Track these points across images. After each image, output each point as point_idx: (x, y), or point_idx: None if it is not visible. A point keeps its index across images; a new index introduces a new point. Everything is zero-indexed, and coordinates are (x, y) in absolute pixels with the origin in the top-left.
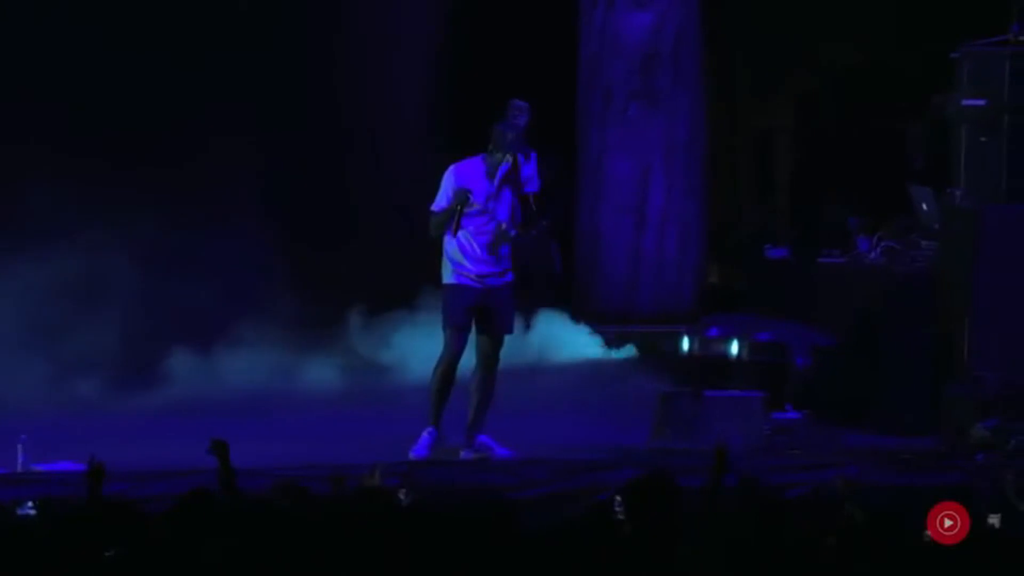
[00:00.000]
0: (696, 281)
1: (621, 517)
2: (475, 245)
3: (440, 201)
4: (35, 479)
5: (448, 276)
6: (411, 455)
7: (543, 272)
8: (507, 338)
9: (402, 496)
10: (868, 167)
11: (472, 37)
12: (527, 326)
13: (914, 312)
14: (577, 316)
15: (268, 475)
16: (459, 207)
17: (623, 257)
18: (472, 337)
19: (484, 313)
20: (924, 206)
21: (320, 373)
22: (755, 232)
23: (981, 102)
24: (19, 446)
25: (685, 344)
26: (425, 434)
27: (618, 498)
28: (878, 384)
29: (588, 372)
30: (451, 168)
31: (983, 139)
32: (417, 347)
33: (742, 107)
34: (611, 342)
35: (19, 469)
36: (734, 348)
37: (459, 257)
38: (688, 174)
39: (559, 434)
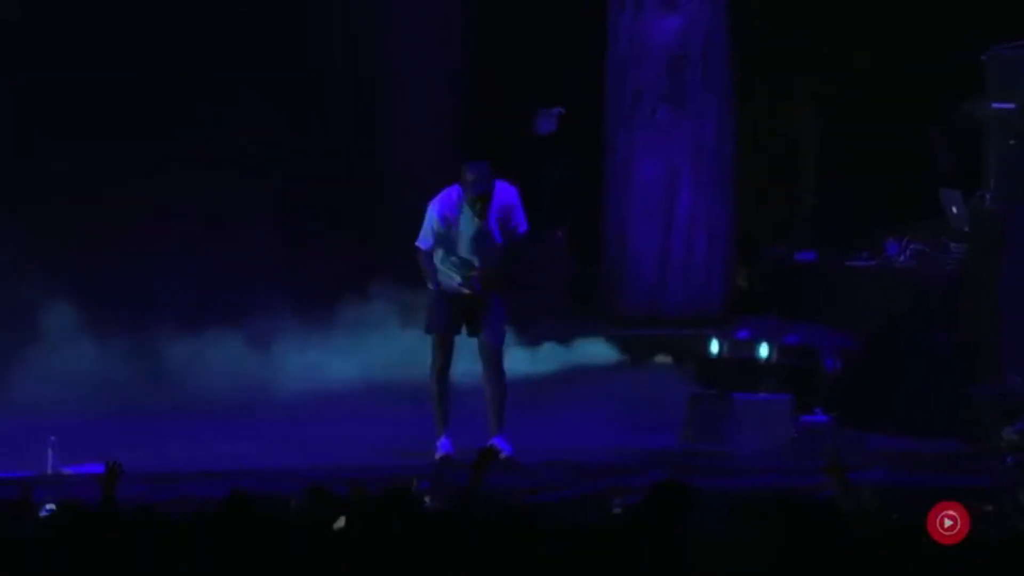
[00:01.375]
0: (724, 284)
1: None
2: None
3: (425, 236)
4: (64, 481)
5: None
6: (438, 455)
7: (551, 278)
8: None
9: (426, 499)
10: (894, 170)
11: (500, 40)
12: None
13: (942, 314)
14: (602, 319)
15: (294, 478)
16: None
17: (651, 259)
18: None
19: (473, 316)
20: (953, 209)
21: (337, 375)
22: (783, 235)
23: (1010, 105)
24: (49, 449)
25: (714, 346)
26: (441, 440)
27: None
28: (905, 387)
29: (615, 374)
30: (432, 202)
31: (1012, 142)
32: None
33: (768, 110)
34: (637, 345)
35: (49, 471)
36: (763, 351)
37: (443, 268)
38: (716, 176)
39: (586, 437)
